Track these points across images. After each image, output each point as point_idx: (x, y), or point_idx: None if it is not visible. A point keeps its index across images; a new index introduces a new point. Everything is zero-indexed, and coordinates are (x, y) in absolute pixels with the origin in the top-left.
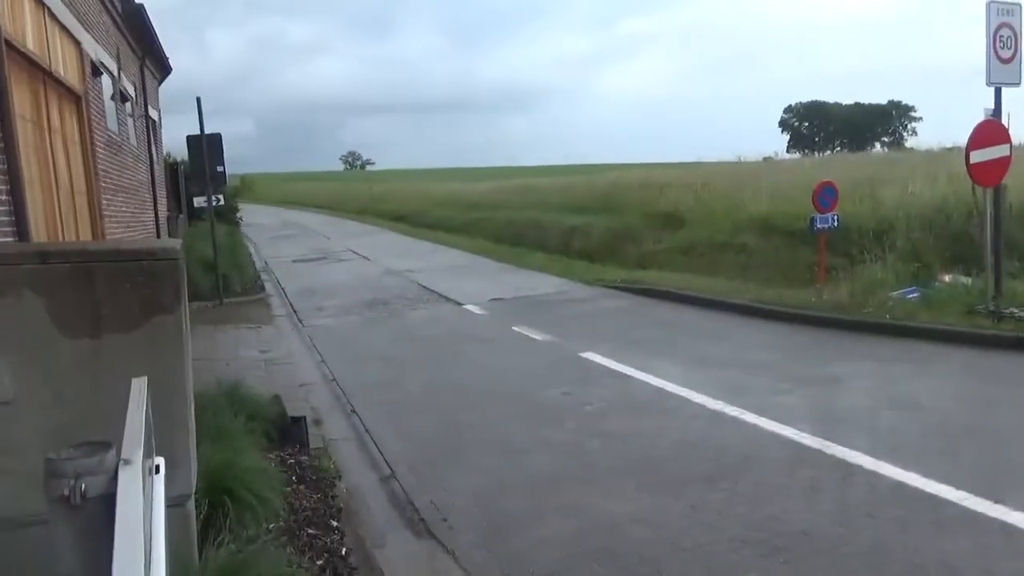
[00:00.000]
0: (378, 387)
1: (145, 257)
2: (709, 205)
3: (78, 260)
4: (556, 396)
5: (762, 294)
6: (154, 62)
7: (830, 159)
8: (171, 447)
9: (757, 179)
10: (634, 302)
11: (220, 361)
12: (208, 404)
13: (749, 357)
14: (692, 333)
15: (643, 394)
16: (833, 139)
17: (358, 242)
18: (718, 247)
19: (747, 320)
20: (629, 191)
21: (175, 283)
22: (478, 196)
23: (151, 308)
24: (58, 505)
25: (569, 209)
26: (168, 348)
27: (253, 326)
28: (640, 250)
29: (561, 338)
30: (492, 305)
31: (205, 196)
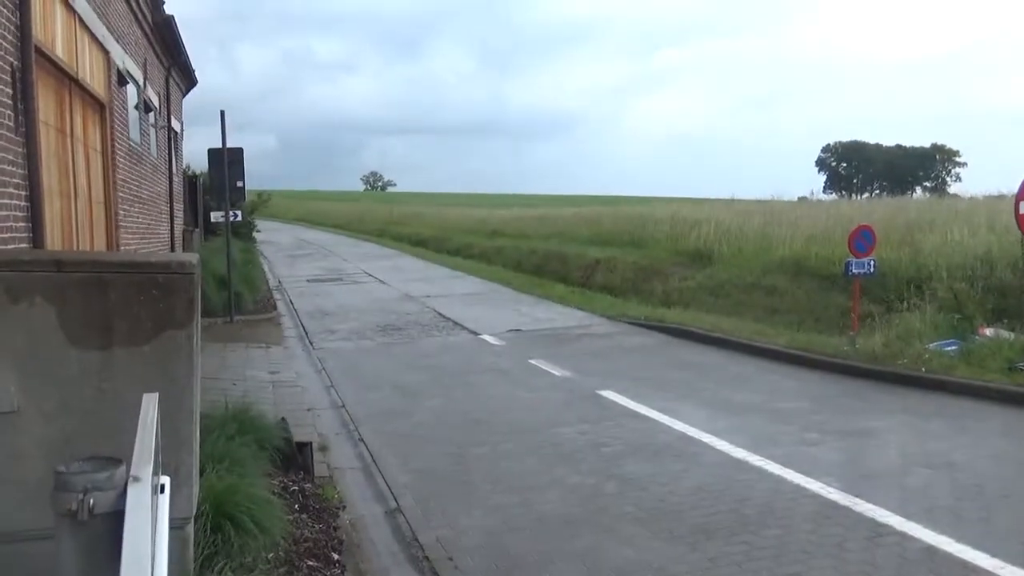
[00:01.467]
0: (388, 415)
1: (160, 270)
2: (739, 244)
3: (92, 270)
4: (572, 434)
5: (792, 339)
6: (180, 73)
7: (868, 202)
8: (175, 467)
9: (791, 219)
10: (657, 340)
11: (227, 380)
12: (214, 425)
13: (776, 405)
14: (717, 376)
15: (663, 437)
16: (872, 181)
17: (375, 265)
18: (747, 288)
19: (775, 365)
20: (657, 226)
21: (189, 298)
22: (501, 223)
23: (163, 322)
24: (64, 520)
25: (594, 241)
26: (178, 364)
27: (263, 346)
28: (665, 287)
29: (580, 374)
30: (509, 336)
31: (223, 211)
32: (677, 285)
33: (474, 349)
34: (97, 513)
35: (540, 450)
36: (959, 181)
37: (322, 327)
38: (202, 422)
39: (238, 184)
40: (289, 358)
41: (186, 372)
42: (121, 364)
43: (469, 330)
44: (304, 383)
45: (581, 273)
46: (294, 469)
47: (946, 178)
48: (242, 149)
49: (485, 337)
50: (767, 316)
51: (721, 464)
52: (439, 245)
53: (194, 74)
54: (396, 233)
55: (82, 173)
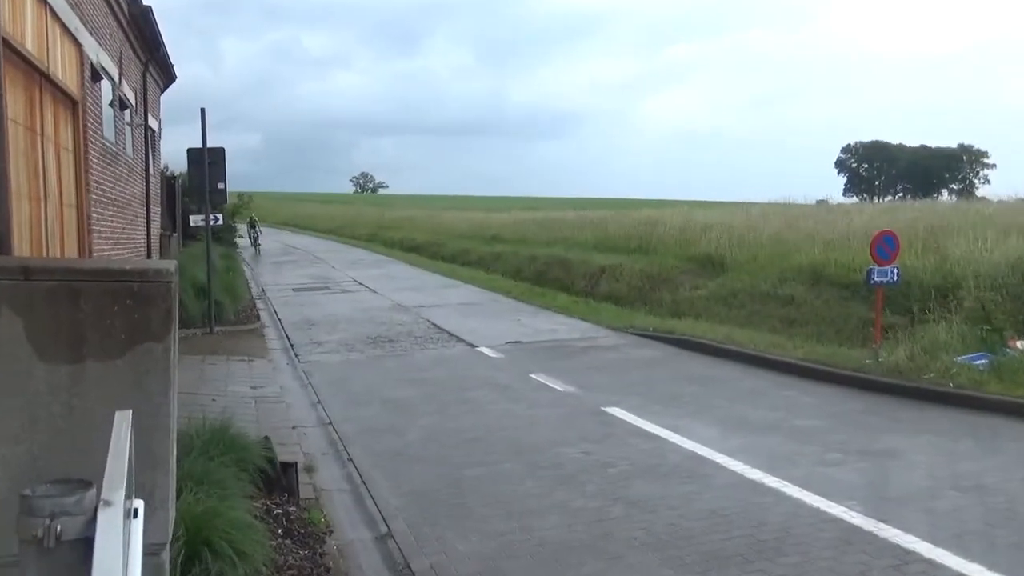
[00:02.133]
0: (378, 433)
1: (136, 279)
2: (754, 250)
3: (63, 278)
4: (575, 454)
5: (810, 352)
6: (158, 68)
7: (891, 206)
8: (150, 489)
9: (809, 224)
10: (667, 353)
11: (207, 396)
12: (191, 443)
13: (794, 422)
14: (731, 391)
15: (673, 457)
16: (895, 184)
17: (365, 272)
18: (762, 297)
19: (792, 380)
20: (666, 231)
21: (166, 308)
22: (499, 228)
23: (139, 334)
24: (30, 547)
25: (599, 247)
26: (154, 379)
27: (245, 359)
28: (675, 296)
29: (584, 389)
30: (509, 348)
31: (203, 214)
32: (687, 294)
33: (471, 362)
34: (65, 540)
35: (541, 471)
36: (988, 183)
37: (308, 339)
38: (179, 440)
39: (219, 186)
40: (273, 372)
41: (162, 387)
42: (93, 379)
43: (465, 342)
44: (289, 399)
45: (585, 281)
46: (278, 491)
47: (974, 180)
48: (224, 149)
49: (482, 350)
50: (783, 327)
51: (735, 486)
52: (433, 251)
53: (173, 69)
54: (387, 238)
55: (52, 174)
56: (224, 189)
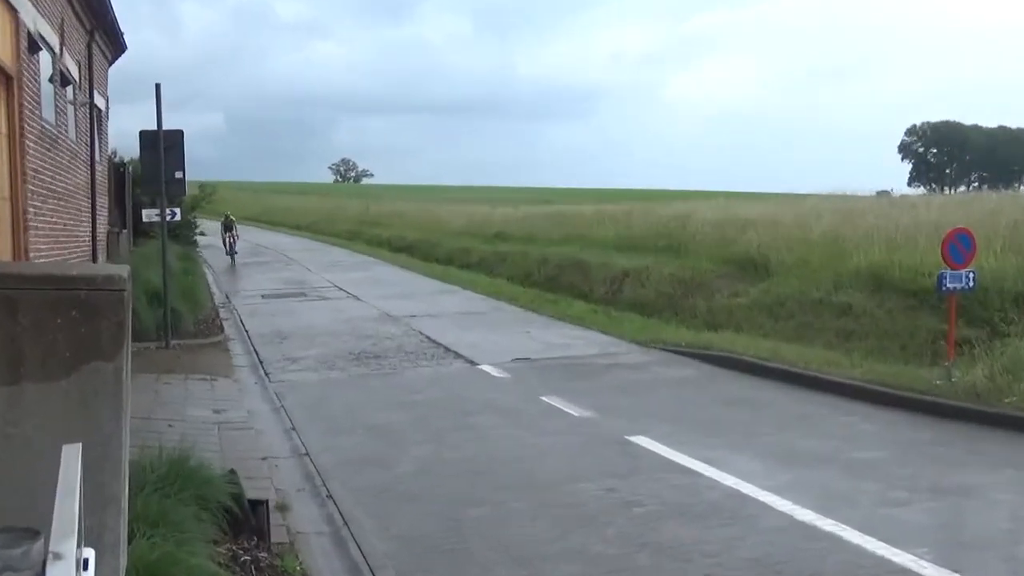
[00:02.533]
0: (363, 466)
1: (82, 286)
2: (804, 251)
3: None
4: (595, 491)
5: (871, 371)
6: (105, 37)
7: (965, 197)
8: (98, 532)
9: (868, 220)
10: (701, 372)
11: (162, 421)
12: (145, 477)
13: (852, 454)
14: (777, 418)
15: (710, 495)
16: (969, 171)
17: (346, 276)
18: (813, 306)
19: (850, 404)
20: (699, 227)
21: (118, 321)
22: (504, 224)
23: (85, 351)
24: None
25: (621, 247)
26: (103, 404)
27: (206, 377)
28: (711, 304)
29: (604, 415)
30: (516, 366)
31: (157, 208)
32: (725, 302)
33: (471, 382)
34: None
35: (555, 510)
36: None
37: (281, 354)
38: (131, 474)
39: (176, 175)
40: (239, 393)
41: (113, 413)
42: (32, 403)
43: (465, 358)
44: (258, 424)
45: (605, 287)
46: (246, 534)
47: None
48: (182, 131)
49: (485, 367)
50: (839, 341)
51: (783, 529)
52: (427, 251)
53: (122, 38)
54: (373, 236)
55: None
56: (183, 179)
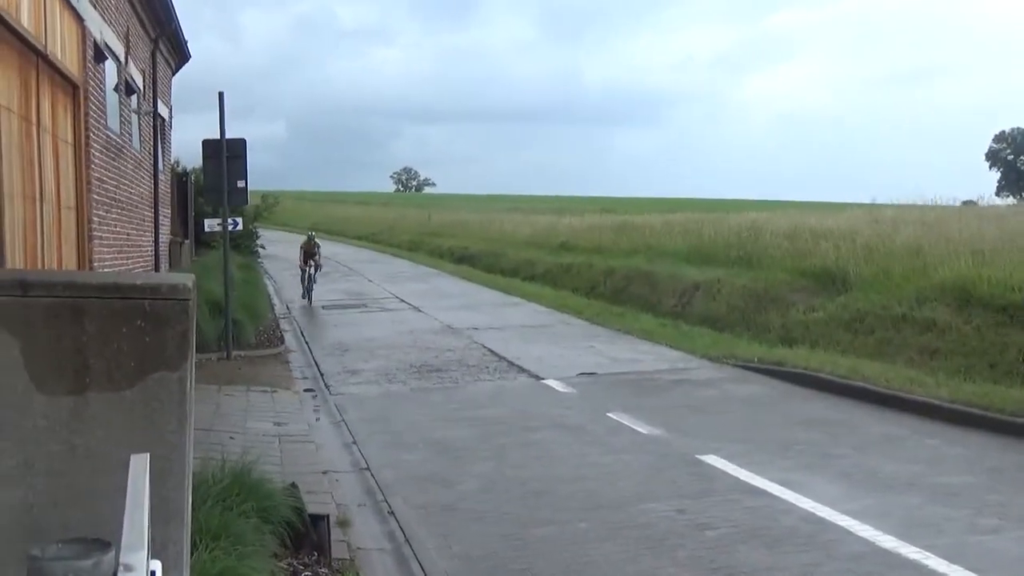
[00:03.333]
0: (425, 482)
1: (148, 295)
2: (885, 263)
3: (65, 294)
4: (665, 512)
5: (958, 391)
6: (169, 46)
7: None
8: (162, 543)
9: (953, 231)
10: (776, 390)
11: (223, 433)
12: (206, 490)
13: (937, 479)
14: (857, 439)
15: (786, 519)
16: None
17: (408, 287)
18: (895, 321)
19: (935, 426)
20: (774, 238)
21: (183, 331)
22: (570, 235)
23: (151, 361)
24: None
25: (691, 258)
26: (168, 414)
27: (267, 390)
28: (786, 319)
29: (674, 433)
30: (581, 381)
31: (219, 218)
32: (801, 317)
33: (535, 398)
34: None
35: (623, 532)
36: None
37: (342, 367)
38: (194, 486)
39: (239, 184)
40: (300, 405)
41: (177, 425)
42: (97, 413)
43: (529, 373)
44: (319, 438)
45: (674, 300)
46: (306, 548)
47: None
48: (244, 140)
49: (550, 382)
50: (923, 359)
51: (863, 556)
52: (490, 262)
53: (186, 47)
54: (435, 247)
55: (49, 170)
56: (245, 188)
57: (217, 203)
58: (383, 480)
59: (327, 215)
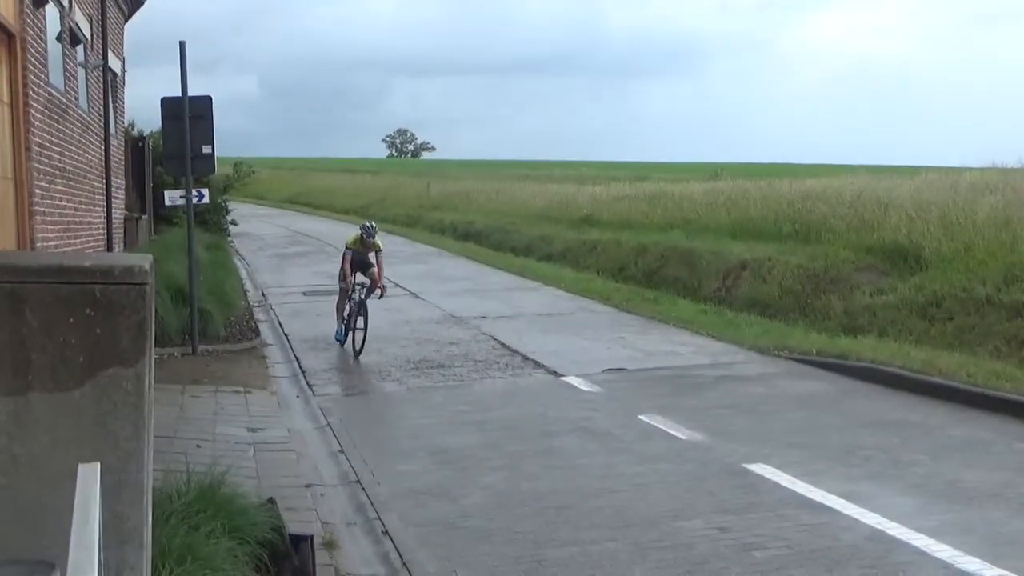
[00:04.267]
0: (425, 497)
1: (99, 280)
2: (966, 238)
3: (3, 279)
4: (705, 531)
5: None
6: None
7: None
8: (118, 570)
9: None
10: (837, 387)
11: (189, 441)
12: (170, 506)
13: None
14: (933, 444)
15: (848, 537)
16: None
17: (404, 269)
18: (979, 305)
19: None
20: (833, 209)
21: (139, 320)
22: (593, 206)
23: (102, 356)
24: None
25: (737, 233)
26: (122, 418)
27: (240, 390)
28: (849, 304)
29: (717, 438)
30: (607, 379)
31: (182, 189)
32: (867, 301)
33: (554, 398)
34: None
35: (656, 554)
36: None
37: (327, 363)
38: (155, 502)
39: (204, 149)
40: (278, 408)
41: (134, 430)
42: (41, 417)
43: (546, 368)
44: (301, 446)
45: (718, 282)
46: (287, 574)
47: None
48: (210, 98)
49: (571, 380)
50: (1012, 350)
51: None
52: (500, 239)
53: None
54: (435, 221)
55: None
56: (212, 154)
57: (179, 172)
58: (376, 494)
59: (309, 185)
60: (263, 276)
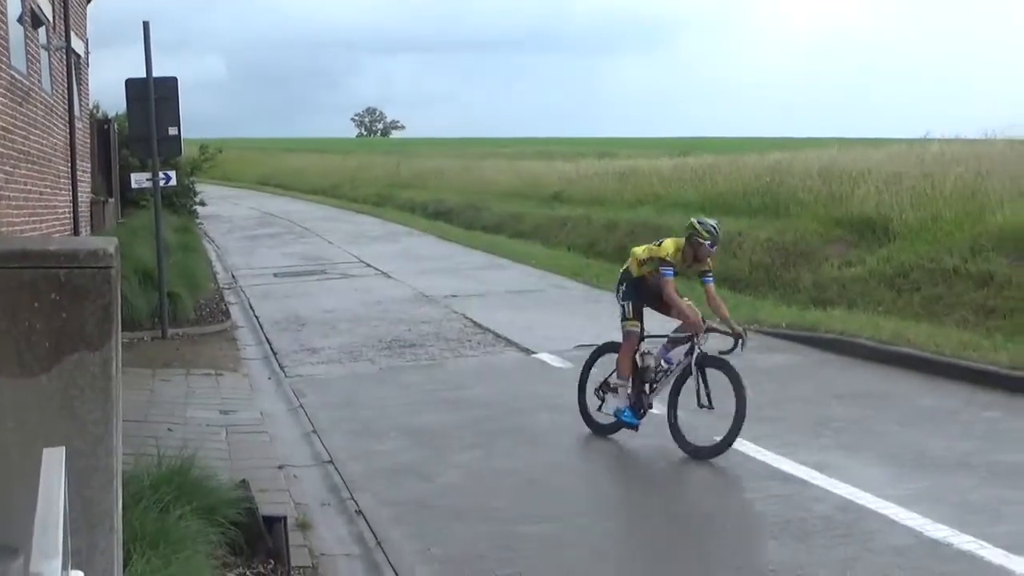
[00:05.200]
0: (398, 476)
1: (63, 264)
2: (933, 208)
3: None
4: (678, 504)
5: (1019, 355)
6: None
7: None
8: (87, 553)
9: (1013, 168)
10: (808, 360)
11: (160, 424)
12: (140, 490)
13: (996, 456)
14: (903, 414)
15: (820, 508)
16: None
17: (374, 249)
18: (946, 276)
19: (993, 396)
20: (802, 181)
21: (105, 304)
22: (564, 183)
23: (68, 341)
24: None
25: (707, 207)
26: (90, 402)
27: (211, 373)
28: (818, 276)
29: (690, 412)
30: (580, 355)
31: (149, 172)
32: (835, 273)
33: (527, 375)
34: None
35: (631, 528)
36: None
37: (298, 344)
38: (125, 486)
39: (171, 131)
40: (250, 390)
41: (102, 413)
42: (7, 402)
43: (518, 346)
44: (273, 428)
45: None
46: (260, 556)
47: None
48: (176, 79)
49: (543, 357)
50: (979, 319)
51: (910, 548)
52: (470, 217)
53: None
54: (405, 200)
55: None
56: (178, 135)
57: (145, 154)
58: (349, 475)
59: (278, 166)
60: (233, 258)
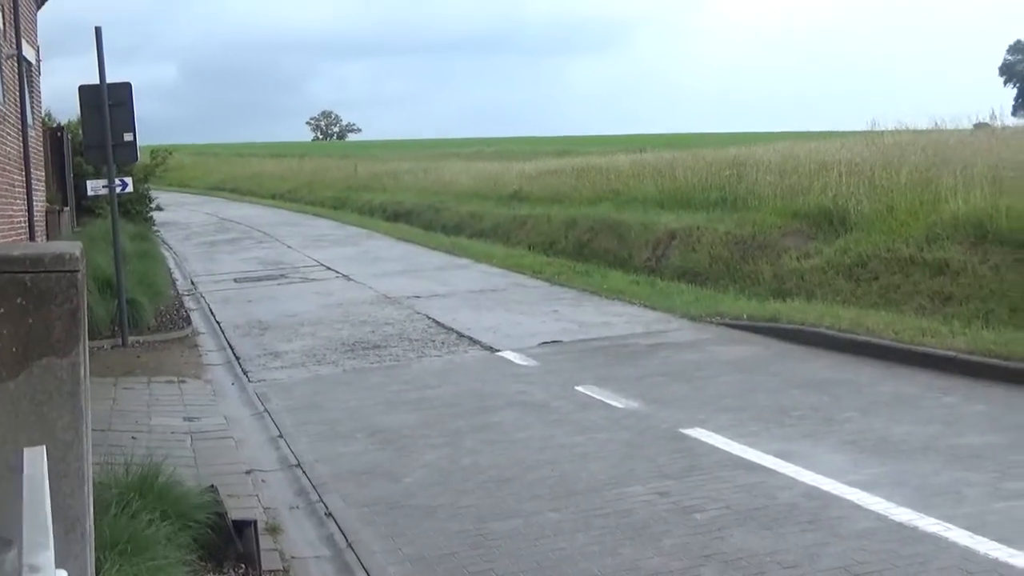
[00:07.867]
0: (366, 477)
1: (29, 268)
2: (888, 198)
3: None
4: (646, 496)
5: (976, 340)
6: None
7: None
8: (61, 561)
9: (966, 156)
10: (770, 350)
11: (124, 432)
12: (107, 497)
13: (955, 440)
14: (864, 400)
15: (785, 495)
16: None
17: (334, 252)
18: (902, 264)
19: (951, 381)
20: (760, 174)
21: (72, 309)
22: (522, 182)
23: (36, 346)
24: None
25: (666, 203)
26: (59, 408)
27: (174, 380)
28: (777, 268)
29: (654, 405)
30: (544, 352)
31: (105, 179)
32: (795, 265)
33: (491, 373)
34: None
35: (599, 520)
36: None
37: (261, 348)
38: (94, 493)
39: (126, 137)
40: (214, 396)
41: (71, 419)
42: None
43: (482, 345)
44: (238, 433)
45: (648, 252)
46: (231, 560)
47: None
48: (130, 84)
49: (507, 354)
50: (935, 306)
51: (875, 532)
52: (430, 218)
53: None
54: (364, 203)
55: None
56: (134, 141)
57: (101, 161)
58: (317, 477)
59: (234, 171)
60: (192, 264)
